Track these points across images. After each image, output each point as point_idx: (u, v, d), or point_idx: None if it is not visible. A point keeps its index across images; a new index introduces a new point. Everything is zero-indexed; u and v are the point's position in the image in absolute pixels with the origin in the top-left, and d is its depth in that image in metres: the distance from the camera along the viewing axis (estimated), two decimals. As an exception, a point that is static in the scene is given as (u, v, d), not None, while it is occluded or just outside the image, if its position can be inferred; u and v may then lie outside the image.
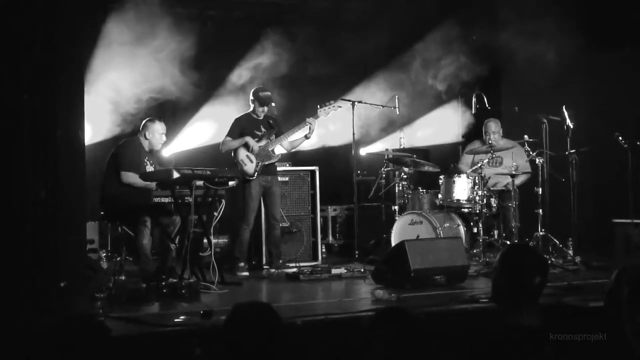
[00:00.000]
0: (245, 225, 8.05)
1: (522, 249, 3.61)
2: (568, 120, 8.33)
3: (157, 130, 7.55)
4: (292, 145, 8.34)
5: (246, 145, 8.01)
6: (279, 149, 8.28)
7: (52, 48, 5.60)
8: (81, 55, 6.53)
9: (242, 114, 8.28)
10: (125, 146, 7.45)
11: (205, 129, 9.98)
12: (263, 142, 8.10)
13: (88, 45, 8.04)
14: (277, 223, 8.21)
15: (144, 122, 7.63)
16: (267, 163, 8.09)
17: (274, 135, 8.17)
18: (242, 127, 8.11)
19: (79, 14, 6.05)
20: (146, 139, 7.54)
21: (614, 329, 3.10)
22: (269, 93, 8.18)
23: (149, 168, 7.48)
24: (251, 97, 8.19)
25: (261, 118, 8.19)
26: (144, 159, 7.47)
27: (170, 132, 9.58)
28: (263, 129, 8.17)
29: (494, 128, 8.98)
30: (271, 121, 8.26)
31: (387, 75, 9.98)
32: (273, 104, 8.25)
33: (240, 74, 9.62)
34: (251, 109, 8.20)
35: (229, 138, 8.09)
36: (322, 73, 9.85)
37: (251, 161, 8.01)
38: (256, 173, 7.99)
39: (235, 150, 8.05)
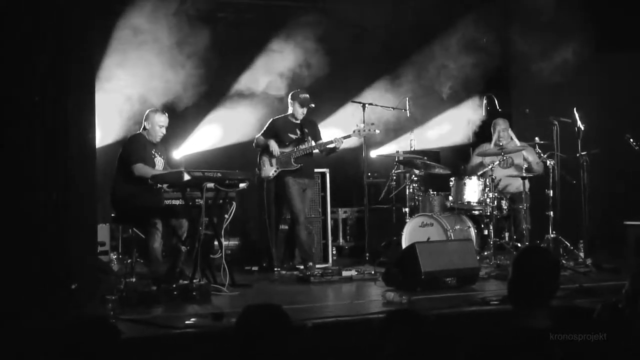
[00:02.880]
0: (298, 225, 8.09)
1: (535, 251, 3.59)
2: (579, 122, 8.30)
3: (157, 122, 7.39)
4: (327, 152, 8.34)
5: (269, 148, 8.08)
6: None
7: (63, 50, 5.62)
8: (92, 57, 6.56)
9: (279, 116, 8.35)
10: (130, 142, 7.39)
11: (216, 131, 9.98)
12: (288, 149, 8.13)
13: (98, 46, 8.05)
14: (310, 226, 8.28)
15: (147, 112, 7.54)
16: (286, 169, 8.11)
17: (302, 145, 8.18)
18: (276, 129, 8.19)
19: (90, 15, 6.08)
20: (145, 129, 7.43)
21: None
22: (307, 95, 8.21)
23: (158, 160, 7.43)
24: (290, 100, 8.23)
25: (299, 121, 8.21)
26: (150, 151, 7.39)
27: (181, 134, 9.61)
28: (298, 132, 8.20)
29: (502, 126, 9.00)
30: (306, 130, 8.25)
31: (398, 77, 9.95)
32: (312, 105, 8.22)
33: (251, 77, 9.61)
34: (290, 111, 8.23)
35: (261, 137, 8.20)
36: (334, 75, 9.83)
37: (271, 165, 8.10)
38: (273, 176, 8.06)
39: (262, 150, 8.15)
